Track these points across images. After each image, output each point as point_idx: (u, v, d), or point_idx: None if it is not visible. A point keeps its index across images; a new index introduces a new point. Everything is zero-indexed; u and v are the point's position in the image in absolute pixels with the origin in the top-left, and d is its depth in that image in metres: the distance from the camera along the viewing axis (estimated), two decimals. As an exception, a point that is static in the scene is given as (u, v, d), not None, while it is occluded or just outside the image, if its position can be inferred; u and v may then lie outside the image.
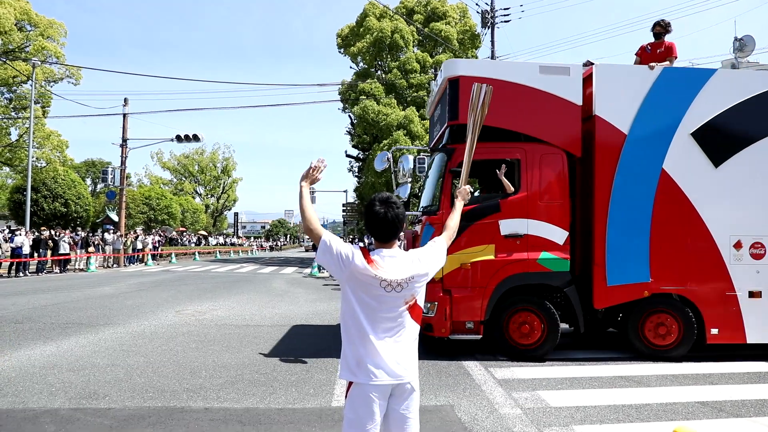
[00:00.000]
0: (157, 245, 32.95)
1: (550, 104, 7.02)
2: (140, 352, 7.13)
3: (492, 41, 25.22)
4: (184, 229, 48.82)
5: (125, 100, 28.39)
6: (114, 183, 28.81)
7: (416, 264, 2.59)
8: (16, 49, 27.78)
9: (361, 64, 29.87)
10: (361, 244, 3.70)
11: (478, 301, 6.84)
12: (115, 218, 30.88)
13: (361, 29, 28.84)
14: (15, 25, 27.49)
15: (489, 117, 7.77)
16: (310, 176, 2.74)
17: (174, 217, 44.75)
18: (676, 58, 7.44)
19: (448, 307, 6.84)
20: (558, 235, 6.91)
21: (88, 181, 50.51)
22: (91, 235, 26.69)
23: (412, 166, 7.38)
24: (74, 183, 32.11)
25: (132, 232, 31.06)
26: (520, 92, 7.04)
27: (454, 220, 2.99)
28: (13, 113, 29.25)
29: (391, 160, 7.73)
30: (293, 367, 6.42)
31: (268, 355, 7.03)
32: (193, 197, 58.89)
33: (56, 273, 21.39)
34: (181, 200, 50.37)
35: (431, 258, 2.68)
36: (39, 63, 26.94)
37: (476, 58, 29.02)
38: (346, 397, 2.57)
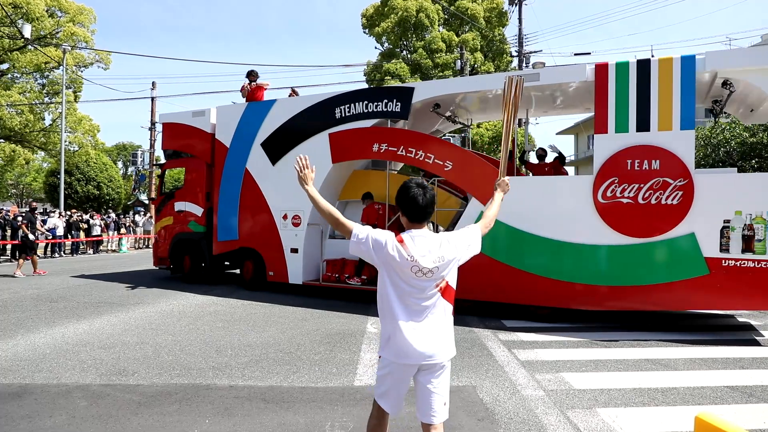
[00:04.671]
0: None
1: (197, 134, 11.67)
2: (168, 330, 7.32)
3: (519, 18, 24.62)
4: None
5: (153, 84, 28.81)
6: (143, 166, 29.34)
7: (445, 246, 2.64)
8: (48, 36, 28.31)
9: (386, 44, 29.49)
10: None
11: (166, 246, 12.37)
12: (145, 200, 31.54)
13: (386, 9, 28.41)
14: (46, 11, 27.96)
15: (175, 143, 12.38)
16: (303, 178, 2.83)
17: (202, 200, 45.35)
18: (264, 91, 11.55)
19: (156, 250, 12.76)
20: (198, 211, 11.83)
21: (120, 164, 51.65)
22: (122, 216, 27.32)
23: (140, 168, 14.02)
24: (106, 166, 32.87)
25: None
26: (185, 129, 11.85)
27: (492, 210, 3.04)
28: (46, 98, 29.93)
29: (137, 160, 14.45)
30: (317, 347, 6.50)
31: (293, 335, 7.13)
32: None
33: (89, 254, 22.05)
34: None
35: (461, 241, 2.73)
36: (69, 48, 27.45)
37: (503, 36, 28.42)
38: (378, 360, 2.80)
